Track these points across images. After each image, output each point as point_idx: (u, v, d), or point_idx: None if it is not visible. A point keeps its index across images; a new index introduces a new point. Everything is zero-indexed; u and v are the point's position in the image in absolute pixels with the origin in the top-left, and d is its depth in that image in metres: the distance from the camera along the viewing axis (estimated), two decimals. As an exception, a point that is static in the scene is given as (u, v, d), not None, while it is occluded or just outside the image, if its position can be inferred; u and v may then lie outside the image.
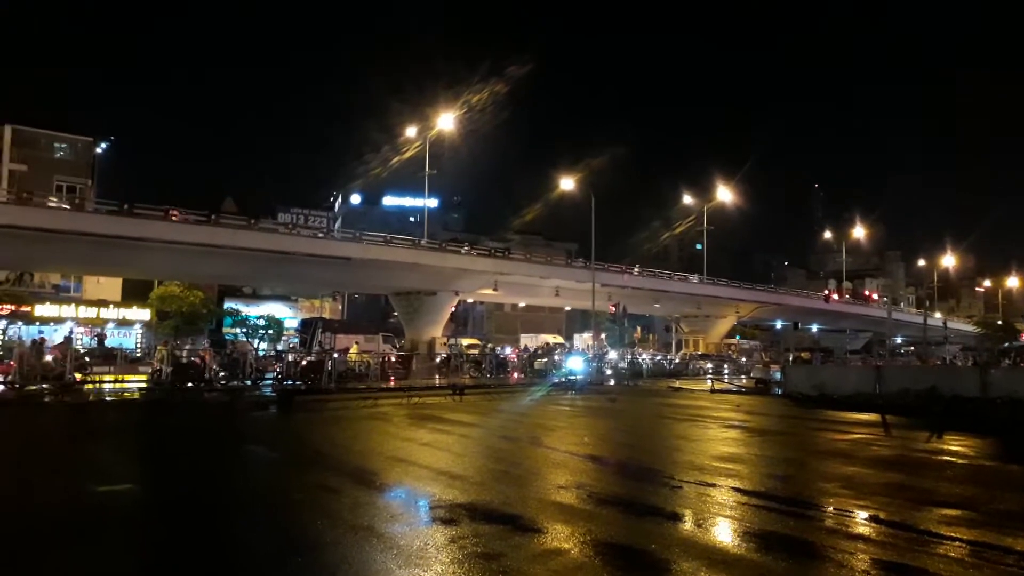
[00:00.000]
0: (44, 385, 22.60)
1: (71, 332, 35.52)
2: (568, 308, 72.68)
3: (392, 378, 30.90)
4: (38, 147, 49.20)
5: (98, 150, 52.36)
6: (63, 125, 50.91)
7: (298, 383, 26.66)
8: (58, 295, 47.50)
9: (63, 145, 50.51)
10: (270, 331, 50.37)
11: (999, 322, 79.68)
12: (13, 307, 42.97)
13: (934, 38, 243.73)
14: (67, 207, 38.57)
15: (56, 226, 33.86)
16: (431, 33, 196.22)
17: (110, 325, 46.31)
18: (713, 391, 30.81)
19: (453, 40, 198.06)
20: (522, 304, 72.27)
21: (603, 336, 50.33)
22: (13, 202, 34.92)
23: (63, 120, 51.35)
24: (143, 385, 24.94)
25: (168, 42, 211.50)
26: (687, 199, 76.71)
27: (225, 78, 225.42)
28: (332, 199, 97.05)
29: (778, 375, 31.97)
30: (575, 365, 35.78)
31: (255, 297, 63.04)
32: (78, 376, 24.56)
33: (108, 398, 22.55)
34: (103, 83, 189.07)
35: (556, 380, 33.11)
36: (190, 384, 24.46)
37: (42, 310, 44.54)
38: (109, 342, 41.85)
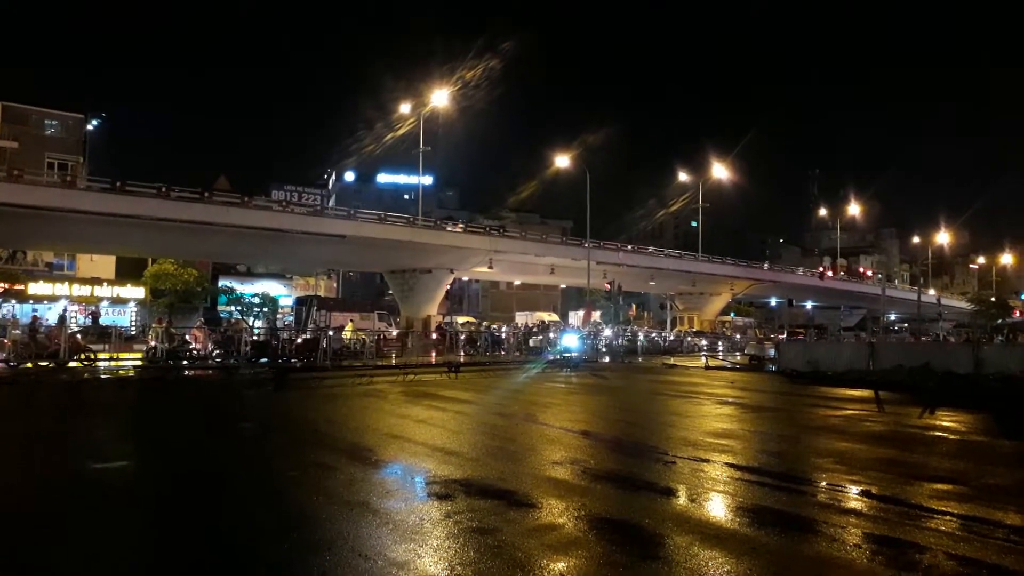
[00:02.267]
0: (39, 363, 22.58)
1: (65, 310, 35.43)
2: (563, 286, 72.77)
3: (393, 353, 30.93)
4: (28, 123, 48.76)
5: (89, 127, 51.93)
6: (54, 102, 50.49)
7: (293, 361, 26.67)
8: (51, 273, 47.37)
9: (54, 122, 50.06)
10: (265, 309, 50.35)
11: (993, 299, 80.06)
12: (6, 285, 42.84)
13: (933, 22, 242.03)
14: (60, 184, 38.28)
15: (48, 203, 33.64)
16: (426, 9, 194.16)
17: (104, 303, 46.25)
18: (707, 368, 30.94)
19: (448, 16, 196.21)
20: (517, 282, 72.38)
21: (598, 313, 50.38)
22: (4, 179, 34.64)
23: (54, 97, 50.96)
24: (138, 363, 24.93)
25: (160, 23, 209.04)
26: (683, 177, 76.60)
27: (219, 57, 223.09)
28: (326, 176, 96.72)
29: (772, 352, 32.09)
30: (570, 342, 35.85)
31: (249, 275, 62.96)
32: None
33: (103, 376, 22.53)
34: (92, 61, 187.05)
35: (551, 357, 33.18)
36: (184, 362, 24.47)
37: (35, 288, 44.41)
38: (103, 320, 41.78)
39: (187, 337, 27.79)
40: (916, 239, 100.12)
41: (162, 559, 6.09)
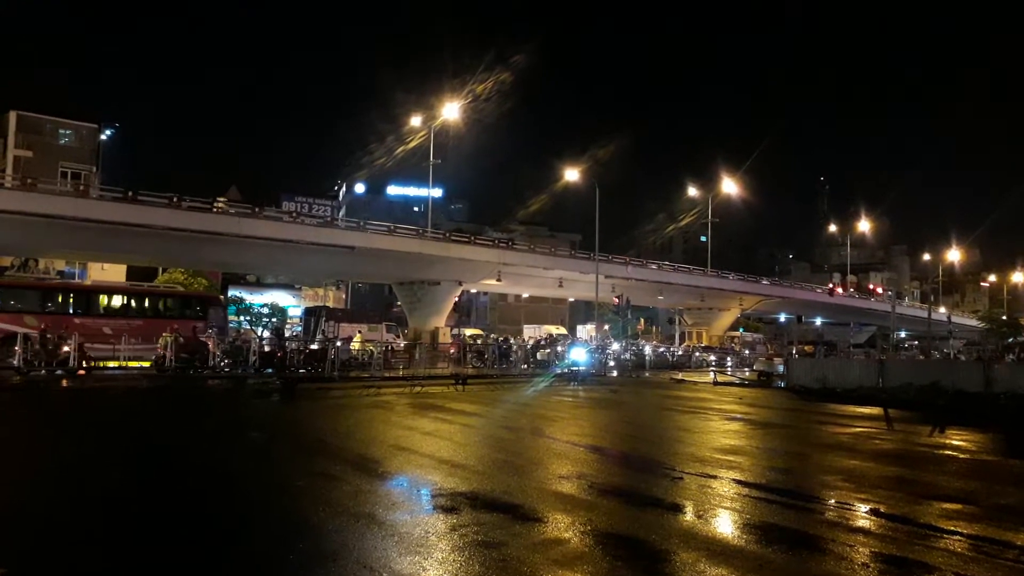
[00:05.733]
0: (48, 370, 22.68)
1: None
2: (572, 299, 72.73)
3: (401, 365, 30.95)
4: (43, 133, 49.28)
5: (103, 137, 52.43)
6: (68, 111, 51.00)
7: (301, 371, 26.69)
8: (63, 281, 47.63)
9: (68, 131, 50.58)
10: (274, 319, 50.53)
11: (1004, 317, 79.46)
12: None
13: (941, 36, 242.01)
14: (72, 193, 38.59)
15: (61, 212, 33.88)
16: (437, 22, 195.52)
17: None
18: (716, 383, 30.80)
19: (459, 29, 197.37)
20: (525, 295, 72.29)
21: (606, 327, 50.30)
22: (18, 188, 34.95)
23: (68, 107, 51.53)
24: (147, 371, 24.98)
25: (172, 33, 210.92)
26: (692, 191, 76.51)
27: (231, 69, 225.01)
28: (336, 188, 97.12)
29: (781, 368, 31.88)
30: (578, 356, 35.75)
31: (259, 285, 63.26)
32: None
33: (112, 384, 22.60)
34: (107, 71, 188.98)
35: (559, 371, 33.11)
36: (192, 372, 24.54)
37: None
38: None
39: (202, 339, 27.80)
40: (927, 256, 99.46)
41: (166, 566, 6.09)
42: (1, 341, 24.11)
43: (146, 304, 29.95)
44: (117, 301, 29.35)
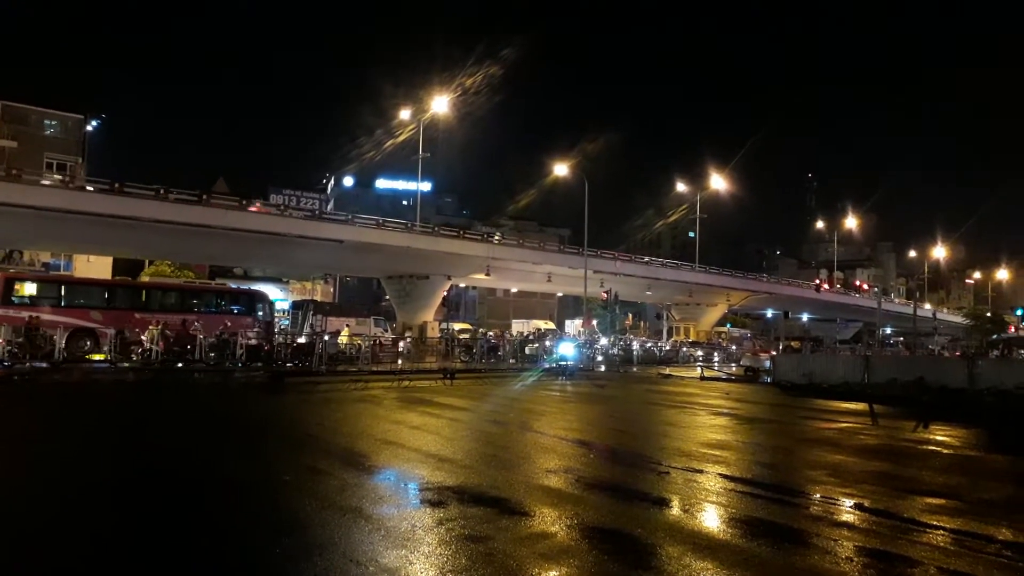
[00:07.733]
0: (34, 364, 22.49)
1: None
2: (560, 294, 72.78)
3: (388, 359, 30.92)
4: (28, 123, 48.65)
5: (89, 128, 51.86)
6: (53, 102, 50.42)
7: (288, 365, 26.61)
8: (48, 274, 47.18)
9: (53, 122, 49.98)
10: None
11: (988, 314, 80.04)
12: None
13: (932, 35, 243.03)
14: (58, 184, 38.23)
15: (46, 204, 33.55)
16: (427, 15, 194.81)
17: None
18: (703, 378, 30.94)
19: (449, 22, 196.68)
20: (514, 290, 72.34)
21: (595, 322, 50.43)
22: (2, 179, 34.58)
23: (53, 97, 50.95)
24: (133, 365, 24.81)
25: (162, 27, 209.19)
26: (681, 187, 76.70)
27: (218, 60, 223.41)
28: (324, 181, 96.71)
29: (767, 364, 32.08)
30: (566, 351, 35.81)
31: (246, 278, 62.82)
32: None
33: (98, 377, 22.45)
34: (94, 65, 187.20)
35: (547, 366, 33.14)
36: (180, 364, 24.40)
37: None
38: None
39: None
40: (913, 253, 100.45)
41: (153, 562, 6.06)
42: (70, 336, 24.99)
43: (200, 300, 31.97)
44: (173, 298, 31.33)
